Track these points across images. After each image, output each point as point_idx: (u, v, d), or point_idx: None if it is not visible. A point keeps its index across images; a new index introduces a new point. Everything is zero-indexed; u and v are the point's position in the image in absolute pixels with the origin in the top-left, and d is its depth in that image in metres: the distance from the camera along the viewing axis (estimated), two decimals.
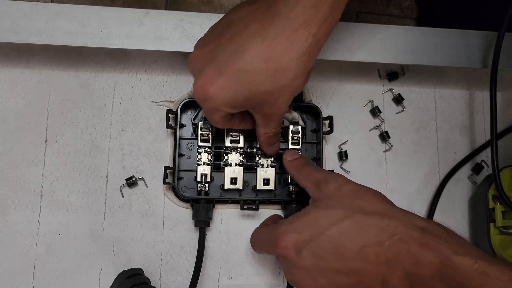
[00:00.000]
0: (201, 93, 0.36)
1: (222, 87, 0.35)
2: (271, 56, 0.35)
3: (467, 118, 0.53)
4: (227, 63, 0.35)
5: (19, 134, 0.46)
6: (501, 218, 0.46)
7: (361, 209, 0.36)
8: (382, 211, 0.36)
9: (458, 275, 0.32)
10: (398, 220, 0.35)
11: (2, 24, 0.43)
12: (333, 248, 0.35)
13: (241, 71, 0.35)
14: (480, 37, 0.49)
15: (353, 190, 0.38)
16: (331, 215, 0.36)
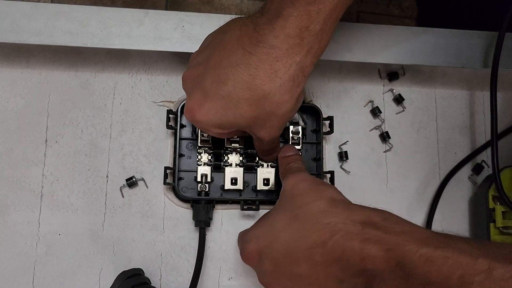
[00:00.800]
0: (190, 115, 0.38)
1: (208, 111, 0.37)
2: (254, 84, 0.35)
3: (468, 118, 0.53)
4: (212, 89, 0.36)
5: (19, 134, 0.46)
6: (501, 218, 0.46)
7: (306, 210, 0.36)
8: (324, 209, 0.35)
9: (406, 265, 0.30)
10: (338, 218, 0.34)
11: (2, 24, 0.43)
12: (286, 252, 0.35)
13: (225, 97, 0.36)
14: (480, 37, 0.49)
15: (302, 190, 0.38)
16: (282, 218, 0.37)
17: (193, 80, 0.38)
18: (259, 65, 0.35)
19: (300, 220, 0.35)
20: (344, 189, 0.49)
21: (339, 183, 0.48)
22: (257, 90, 0.35)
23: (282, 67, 0.35)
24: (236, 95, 0.36)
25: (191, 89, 0.38)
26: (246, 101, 0.36)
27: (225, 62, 0.36)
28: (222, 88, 0.36)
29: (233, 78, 0.35)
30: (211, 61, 0.37)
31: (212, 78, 0.36)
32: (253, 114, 0.36)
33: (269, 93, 0.35)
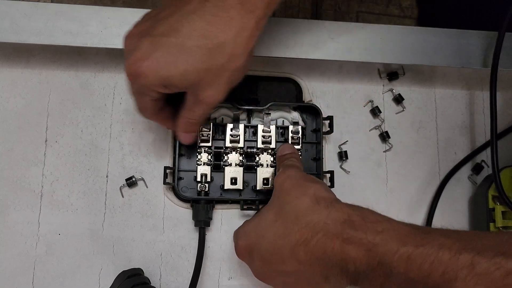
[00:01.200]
0: (134, 68, 0.34)
1: (157, 61, 0.34)
2: (209, 32, 0.34)
3: (467, 118, 0.53)
4: (163, 37, 0.34)
5: (19, 134, 0.46)
6: (501, 218, 0.46)
7: (290, 208, 0.36)
8: (306, 207, 0.35)
9: (387, 265, 0.31)
10: (319, 216, 0.34)
11: (2, 24, 0.43)
12: (273, 250, 0.35)
13: (178, 45, 0.33)
14: (480, 37, 0.49)
15: (290, 186, 0.38)
16: (269, 215, 0.37)
17: (140, 33, 0.35)
18: (213, 14, 0.33)
19: (285, 217, 0.36)
20: (344, 189, 0.49)
21: (339, 183, 0.48)
22: (212, 38, 0.34)
23: (236, 15, 0.34)
24: (190, 43, 0.33)
25: (137, 41, 0.34)
26: (200, 49, 0.34)
27: (179, 12, 0.34)
28: (175, 35, 0.33)
29: (187, 25, 0.33)
30: (162, 14, 0.35)
31: (164, 27, 0.34)
32: (205, 65, 0.34)
33: (224, 42, 0.34)
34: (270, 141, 0.47)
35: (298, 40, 0.47)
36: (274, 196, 0.39)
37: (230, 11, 0.34)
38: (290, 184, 0.38)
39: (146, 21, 0.36)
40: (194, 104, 0.37)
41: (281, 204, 0.37)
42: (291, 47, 0.46)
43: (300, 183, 0.38)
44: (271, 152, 0.47)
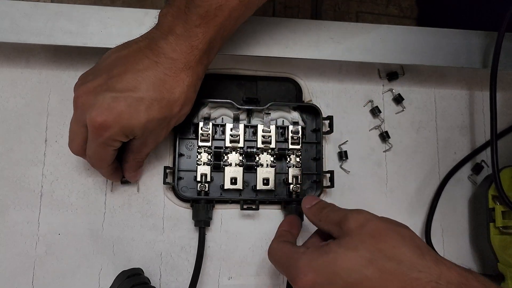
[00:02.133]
0: (100, 120, 0.37)
1: (121, 114, 0.37)
2: (165, 89, 0.38)
3: (467, 118, 0.53)
4: (123, 93, 0.37)
5: (19, 134, 0.46)
6: (501, 218, 0.46)
7: (386, 255, 0.32)
8: (410, 260, 0.32)
9: None
10: (430, 275, 0.31)
11: (2, 24, 0.43)
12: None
13: (138, 99, 0.37)
14: (480, 37, 0.49)
15: (378, 230, 0.34)
16: (352, 257, 0.33)
17: (95, 90, 0.38)
18: (166, 73, 0.38)
19: (380, 267, 0.32)
20: (344, 189, 0.49)
21: (339, 183, 0.48)
22: (168, 94, 0.38)
23: (185, 77, 0.39)
24: (150, 98, 0.38)
25: (96, 97, 0.37)
26: (159, 103, 0.38)
27: (132, 70, 0.38)
28: (134, 91, 0.37)
29: (144, 82, 0.38)
30: (115, 71, 0.38)
31: (122, 84, 0.37)
32: (162, 116, 0.39)
33: (178, 97, 0.39)
34: (270, 141, 0.47)
35: (298, 40, 0.47)
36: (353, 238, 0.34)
37: (179, 72, 0.39)
38: (376, 227, 0.34)
39: (96, 78, 0.38)
40: (142, 146, 0.42)
41: (372, 250, 0.33)
42: (291, 47, 0.46)
43: (389, 227, 0.35)
44: (271, 152, 0.47)
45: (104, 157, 0.40)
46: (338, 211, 0.38)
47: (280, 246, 0.39)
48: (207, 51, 0.39)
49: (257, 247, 0.47)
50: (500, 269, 0.46)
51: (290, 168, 0.47)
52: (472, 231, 0.50)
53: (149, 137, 0.40)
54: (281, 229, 0.42)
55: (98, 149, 0.39)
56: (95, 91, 0.38)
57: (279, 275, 0.47)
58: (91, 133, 0.38)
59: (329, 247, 0.35)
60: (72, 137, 0.40)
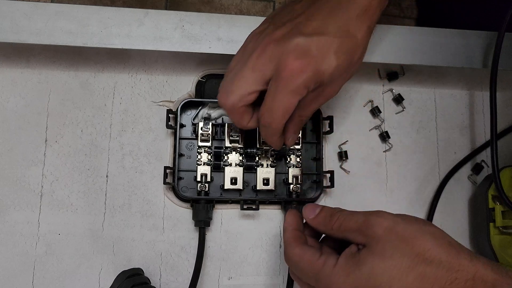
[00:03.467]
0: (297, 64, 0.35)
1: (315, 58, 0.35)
2: (349, 33, 0.37)
3: (467, 118, 0.53)
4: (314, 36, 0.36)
5: (19, 134, 0.46)
6: (501, 218, 0.46)
7: (424, 258, 0.31)
8: (447, 260, 0.31)
9: None
10: (467, 273, 0.31)
11: (2, 24, 0.43)
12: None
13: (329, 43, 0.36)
14: (480, 37, 0.49)
15: (408, 232, 0.33)
16: (391, 267, 0.32)
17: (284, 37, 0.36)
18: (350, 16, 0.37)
19: (421, 272, 0.31)
20: (344, 189, 0.49)
21: (339, 183, 0.48)
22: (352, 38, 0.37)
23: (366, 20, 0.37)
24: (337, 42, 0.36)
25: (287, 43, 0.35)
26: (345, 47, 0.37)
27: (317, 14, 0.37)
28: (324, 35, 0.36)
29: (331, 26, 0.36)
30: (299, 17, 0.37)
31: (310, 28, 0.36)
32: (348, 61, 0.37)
33: (360, 42, 0.38)
34: None
35: None
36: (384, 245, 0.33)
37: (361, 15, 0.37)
38: (404, 229, 0.33)
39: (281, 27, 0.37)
40: (312, 101, 0.39)
41: (408, 255, 0.32)
42: None
43: (418, 228, 0.33)
44: (271, 152, 0.47)
45: (289, 110, 0.37)
46: (352, 217, 0.36)
47: (303, 253, 0.36)
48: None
49: (257, 247, 0.47)
50: None
51: (290, 168, 0.47)
52: (472, 231, 0.50)
53: (327, 87, 0.38)
54: (292, 228, 0.39)
55: (285, 100, 0.36)
56: (284, 37, 0.36)
57: (279, 275, 0.47)
58: (283, 81, 0.35)
59: (362, 257, 0.33)
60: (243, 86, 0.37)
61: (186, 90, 0.49)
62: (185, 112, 0.47)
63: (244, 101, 0.37)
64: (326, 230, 0.37)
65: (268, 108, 0.37)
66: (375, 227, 0.33)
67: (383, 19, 0.44)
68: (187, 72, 0.49)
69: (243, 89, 0.37)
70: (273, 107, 0.37)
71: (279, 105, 0.36)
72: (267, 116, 0.37)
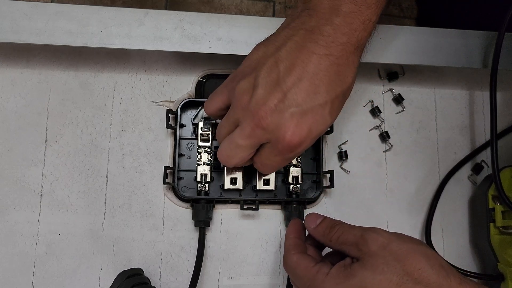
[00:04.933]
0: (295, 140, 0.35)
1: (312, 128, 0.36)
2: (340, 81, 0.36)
3: (467, 118, 0.53)
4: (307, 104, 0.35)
5: (19, 134, 0.46)
6: (501, 218, 0.46)
7: (414, 278, 0.33)
8: (436, 281, 0.32)
9: None
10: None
11: (2, 24, 0.43)
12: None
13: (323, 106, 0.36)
14: (480, 37, 0.49)
15: (401, 251, 0.34)
16: (381, 281, 0.33)
17: (277, 107, 0.35)
18: (339, 62, 0.35)
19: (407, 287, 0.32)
20: (344, 189, 0.49)
21: (339, 183, 0.48)
22: (343, 84, 0.36)
23: (355, 58, 0.36)
24: (330, 99, 0.36)
25: (281, 117, 0.35)
26: (338, 98, 0.36)
27: (305, 75, 0.35)
28: (316, 99, 0.35)
29: (322, 85, 0.35)
30: (287, 81, 0.35)
31: (301, 95, 0.35)
32: (341, 107, 0.38)
33: (351, 82, 0.37)
34: None
35: None
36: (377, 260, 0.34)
37: (350, 56, 0.36)
38: (398, 248, 0.34)
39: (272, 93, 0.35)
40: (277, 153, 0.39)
41: (398, 273, 0.33)
42: None
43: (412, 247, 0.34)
44: None
45: (277, 167, 0.40)
46: (351, 230, 0.37)
47: (300, 261, 0.37)
48: (376, 21, 0.36)
49: (257, 247, 0.47)
50: (500, 269, 0.46)
51: (290, 168, 0.47)
52: (472, 231, 0.50)
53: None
54: (293, 236, 0.40)
55: (279, 162, 0.39)
56: (278, 109, 0.35)
57: (279, 275, 0.47)
58: (281, 151, 0.37)
59: (354, 269, 0.34)
60: (242, 153, 0.38)
61: (186, 90, 0.49)
62: (185, 112, 0.47)
63: (243, 162, 0.40)
64: (325, 241, 0.39)
65: (261, 164, 0.40)
66: (370, 243, 0.34)
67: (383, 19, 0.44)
68: (187, 72, 0.49)
69: (242, 156, 0.38)
70: (266, 165, 0.40)
71: (273, 164, 0.39)
72: (259, 168, 0.41)
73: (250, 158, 0.40)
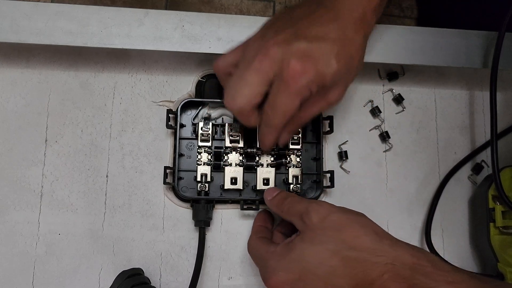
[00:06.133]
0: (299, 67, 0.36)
1: (318, 60, 0.37)
2: (347, 41, 0.38)
3: (467, 118, 0.53)
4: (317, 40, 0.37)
5: (19, 134, 0.46)
6: (501, 218, 0.46)
7: (348, 245, 0.34)
8: (370, 246, 0.34)
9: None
10: (387, 258, 0.34)
11: (2, 24, 0.43)
12: (326, 287, 0.34)
13: (330, 48, 0.37)
14: (480, 37, 0.49)
15: (338, 221, 0.36)
16: (318, 251, 0.35)
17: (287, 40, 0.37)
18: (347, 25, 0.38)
19: (344, 256, 0.34)
20: (344, 189, 0.49)
21: (339, 183, 0.48)
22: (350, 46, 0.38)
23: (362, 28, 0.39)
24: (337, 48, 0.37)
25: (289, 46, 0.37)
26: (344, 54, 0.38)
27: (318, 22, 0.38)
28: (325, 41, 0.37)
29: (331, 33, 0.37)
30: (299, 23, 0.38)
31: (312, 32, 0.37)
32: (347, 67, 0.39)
33: (357, 50, 0.39)
34: None
35: None
36: (316, 232, 0.36)
37: (357, 23, 0.39)
38: (337, 219, 0.36)
39: (282, 31, 0.38)
40: (314, 103, 0.40)
41: (336, 242, 0.35)
42: None
43: (349, 218, 0.36)
44: (271, 152, 0.47)
45: (290, 110, 0.38)
46: (299, 202, 0.39)
47: (256, 243, 0.41)
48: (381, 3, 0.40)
49: None
50: (500, 269, 0.46)
51: (290, 168, 0.47)
52: (472, 231, 0.50)
53: (329, 92, 0.40)
54: (257, 224, 0.44)
55: (287, 101, 0.38)
56: (286, 41, 0.37)
57: None
58: (286, 83, 0.37)
59: (294, 244, 0.37)
60: (249, 89, 0.38)
61: (186, 90, 0.49)
62: (185, 112, 0.47)
63: (251, 104, 0.38)
64: (278, 211, 0.42)
65: (271, 108, 0.38)
66: (312, 215, 0.37)
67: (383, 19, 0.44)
68: (187, 72, 0.49)
69: (249, 92, 0.38)
70: (275, 107, 0.38)
71: (282, 105, 0.38)
72: (270, 116, 0.39)
73: (256, 108, 0.39)
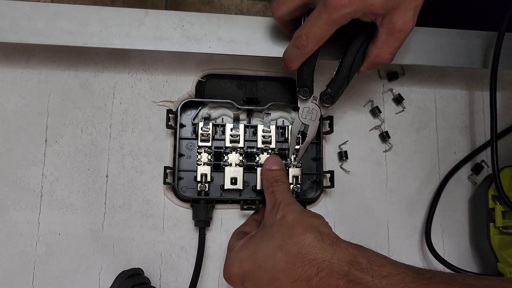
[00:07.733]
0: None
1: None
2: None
3: (467, 118, 0.53)
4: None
5: (19, 134, 0.46)
6: (501, 218, 0.46)
7: (292, 242, 0.36)
8: (310, 244, 0.35)
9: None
10: (325, 254, 0.35)
11: (2, 24, 0.43)
12: (270, 281, 0.36)
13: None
14: (480, 37, 0.49)
15: (293, 220, 0.38)
16: (267, 246, 0.37)
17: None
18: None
19: (287, 251, 0.35)
20: (344, 189, 0.49)
21: (339, 183, 0.48)
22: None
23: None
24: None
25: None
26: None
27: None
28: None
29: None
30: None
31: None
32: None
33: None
34: (270, 141, 0.47)
35: None
36: (272, 227, 0.38)
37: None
38: (292, 218, 0.38)
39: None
40: (389, 37, 0.39)
41: (283, 238, 0.36)
42: None
43: (303, 218, 0.38)
44: (271, 152, 0.47)
45: (325, 37, 0.38)
46: (281, 194, 0.41)
47: (232, 236, 0.43)
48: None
49: None
50: (500, 269, 0.46)
51: (290, 168, 0.47)
52: (472, 231, 0.50)
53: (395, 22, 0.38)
54: (250, 217, 0.46)
55: (324, 27, 0.38)
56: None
57: None
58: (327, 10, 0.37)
59: (253, 238, 0.39)
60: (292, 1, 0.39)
61: (186, 90, 0.49)
62: (185, 112, 0.47)
63: (291, 15, 0.40)
64: (265, 184, 0.43)
65: (306, 32, 0.39)
66: (278, 212, 0.39)
67: None
68: (187, 72, 0.49)
69: (292, 3, 0.39)
70: (310, 32, 0.39)
71: (317, 31, 0.38)
72: (303, 39, 0.39)
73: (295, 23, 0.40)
